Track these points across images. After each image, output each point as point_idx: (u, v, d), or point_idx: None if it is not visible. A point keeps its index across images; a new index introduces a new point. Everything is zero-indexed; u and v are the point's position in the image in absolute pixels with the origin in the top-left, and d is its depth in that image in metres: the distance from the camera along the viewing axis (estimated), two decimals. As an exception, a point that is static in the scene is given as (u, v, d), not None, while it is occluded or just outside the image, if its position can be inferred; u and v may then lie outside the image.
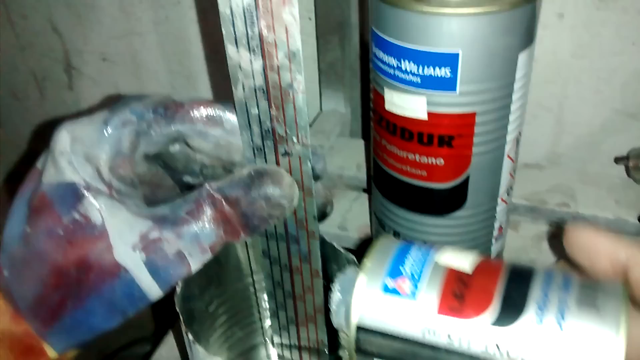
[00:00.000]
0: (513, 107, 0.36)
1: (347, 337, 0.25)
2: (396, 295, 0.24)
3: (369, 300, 0.24)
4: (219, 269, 0.34)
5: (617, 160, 0.56)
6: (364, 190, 0.57)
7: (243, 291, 0.37)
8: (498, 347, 0.22)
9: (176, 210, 0.29)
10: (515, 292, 0.23)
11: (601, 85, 0.58)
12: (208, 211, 0.29)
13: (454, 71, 0.34)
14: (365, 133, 0.66)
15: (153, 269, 0.28)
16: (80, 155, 0.29)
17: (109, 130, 0.29)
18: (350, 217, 0.53)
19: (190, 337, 0.28)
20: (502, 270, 0.24)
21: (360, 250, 0.36)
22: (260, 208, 0.29)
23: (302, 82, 0.26)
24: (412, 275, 0.24)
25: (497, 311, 0.23)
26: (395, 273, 0.25)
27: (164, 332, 0.45)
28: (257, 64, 0.26)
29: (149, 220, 0.29)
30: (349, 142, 0.62)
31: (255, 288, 0.37)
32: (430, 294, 0.24)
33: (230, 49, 0.26)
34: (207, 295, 0.35)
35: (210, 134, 0.30)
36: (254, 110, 0.28)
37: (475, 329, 0.23)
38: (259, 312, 0.38)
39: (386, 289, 0.24)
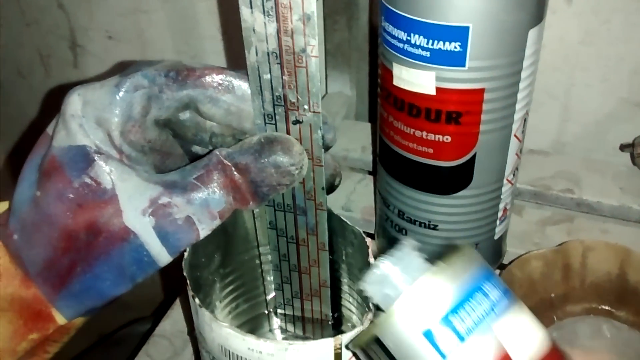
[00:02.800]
0: (522, 84, 0.36)
1: (364, 329, 0.24)
2: (430, 345, 0.22)
3: (404, 328, 0.22)
4: (226, 239, 0.35)
5: (623, 147, 0.56)
6: (369, 173, 0.57)
7: (249, 263, 0.37)
8: None
9: (186, 176, 0.29)
10: None
11: (608, 73, 0.58)
12: (217, 177, 0.29)
13: (464, 46, 0.33)
14: (372, 115, 0.66)
15: (162, 234, 0.29)
16: (91, 119, 0.29)
17: (121, 94, 0.29)
18: (354, 198, 0.53)
19: (197, 301, 0.29)
20: None
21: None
22: (269, 175, 0.29)
23: (315, 47, 0.26)
24: (459, 334, 0.22)
25: None
26: (446, 320, 0.22)
27: (164, 312, 0.45)
28: (271, 27, 0.26)
29: (159, 185, 0.29)
30: (354, 125, 0.62)
31: (260, 260, 0.37)
32: None
33: (244, 12, 0.26)
34: (213, 265, 0.35)
35: (221, 100, 0.30)
36: (266, 76, 0.28)
37: None
38: (264, 285, 0.38)
39: (427, 334, 0.22)
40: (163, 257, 0.29)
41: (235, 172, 0.29)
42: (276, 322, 0.39)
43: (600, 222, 0.50)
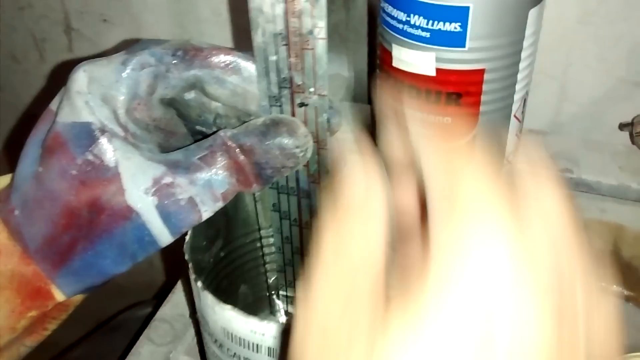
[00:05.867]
0: (522, 65, 0.36)
1: None
2: None
3: None
4: (227, 222, 0.35)
5: (622, 126, 0.56)
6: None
7: (249, 245, 0.37)
8: None
9: (189, 156, 0.29)
10: None
11: (606, 52, 0.58)
12: (221, 159, 0.29)
13: (464, 26, 0.33)
14: (371, 97, 0.66)
15: (164, 214, 0.29)
16: (97, 96, 0.28)
17: (127, 71, 0.29)
18: (353, 180, 0.53)
19: (200, 284, 0.29)
20: None
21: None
22: (274, 157, 0.29)
23: (323, 29, 0.26)
24: None
25: None
26: None
27: (163, 296, 0.46)
28: (279, 8, 0.26)
29: (163, 165, 0.29)
30: (352, 107, 0.62)
31: (262, 243, 0.37)
32: None
33: None
34: (214, 248, 0.35)
35: (227, 81, 0.30)
36: (272, 57, 0.28)
37: None
38: (265, 268, 0.38)
39: None
40: (164, 237, 0.29)
41: (239, 154, 0.29)
42: (278, 304, 0.39)
43: (599, 201, 0.50)
